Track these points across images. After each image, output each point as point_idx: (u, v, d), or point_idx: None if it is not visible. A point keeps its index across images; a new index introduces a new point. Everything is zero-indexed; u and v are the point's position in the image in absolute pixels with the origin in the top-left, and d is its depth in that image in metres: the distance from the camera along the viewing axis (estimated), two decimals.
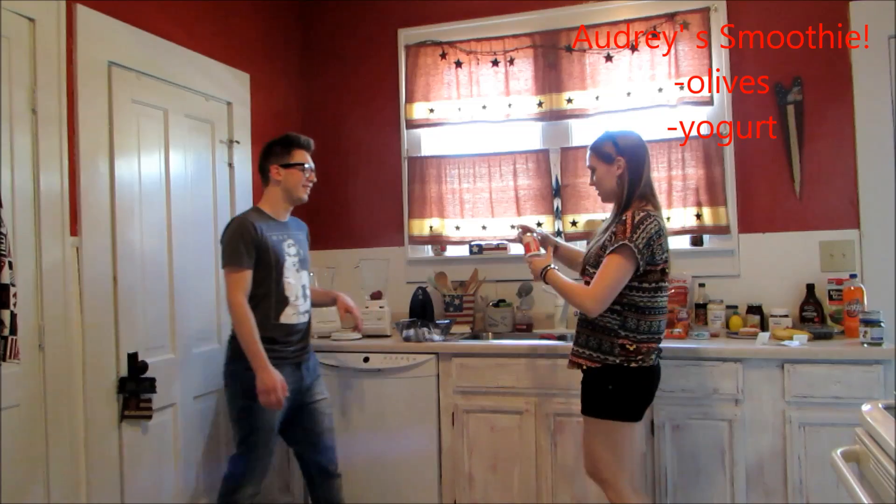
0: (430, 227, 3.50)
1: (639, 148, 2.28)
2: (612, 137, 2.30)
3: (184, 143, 2.86)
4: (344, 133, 3.73)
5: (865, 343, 2.45)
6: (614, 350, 2.16)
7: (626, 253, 2.10)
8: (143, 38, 2.64)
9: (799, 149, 2.98)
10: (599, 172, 2.30)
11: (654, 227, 2.13)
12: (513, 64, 3.38)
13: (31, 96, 2.18)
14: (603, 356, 2.18)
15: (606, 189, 2.31)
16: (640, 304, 2.16)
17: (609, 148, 2.28)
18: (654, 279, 2.16)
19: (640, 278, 2.15)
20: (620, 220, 2.16)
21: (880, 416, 1.45)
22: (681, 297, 3.00)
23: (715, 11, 3.09)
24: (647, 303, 2.17)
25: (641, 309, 2.16)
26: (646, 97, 3.17)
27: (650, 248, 2.11)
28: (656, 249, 2.13)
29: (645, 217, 2.13)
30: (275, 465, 3.11)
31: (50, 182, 2.23)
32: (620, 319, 2.17)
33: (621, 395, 2.17)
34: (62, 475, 2.23)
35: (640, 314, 2.17)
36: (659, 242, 2.14)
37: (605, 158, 2.28)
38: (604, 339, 2.19)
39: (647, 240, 2.11)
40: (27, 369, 2.13)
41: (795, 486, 2.46)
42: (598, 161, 2.30)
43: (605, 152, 2.28)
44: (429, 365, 2.88)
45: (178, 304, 2.78)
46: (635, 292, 2.16)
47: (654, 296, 2.17)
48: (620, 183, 2.25)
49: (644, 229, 2.11)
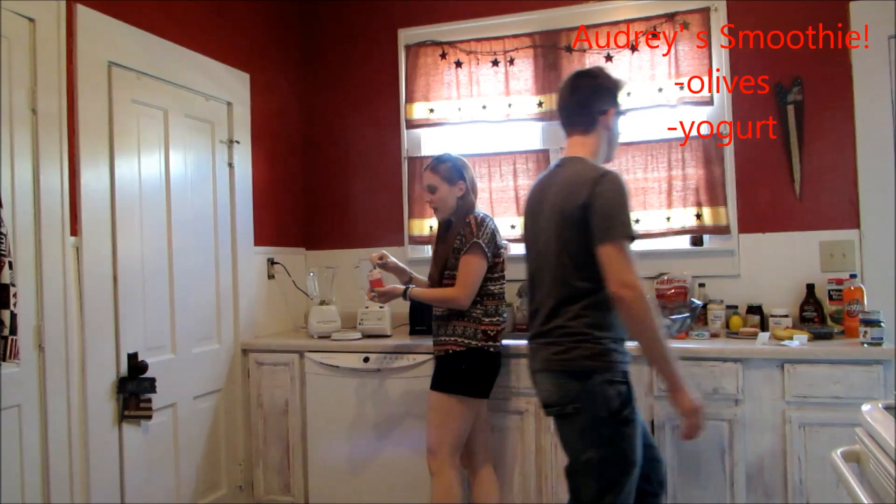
0: (430, 227, 3.50)
1: (471, 172, 2.63)
2: (454, 161, 2.58)
3: (184, 143, 2.86)
4: (344, 133, 3.73)
5: (865, 343, 2.45)
6: (477, 335, 2.47)
7: (478, 250, 2.45)
8: (143, 38, 2.64)
9: (799, 149, 2.98)
10: (442, 192, 2.56)
11: (492, 224, 2.52)
12: (513, 64, 3.38)
13: (31, 96, 2.18)
14: (467, 340, 2.47)
15: (448, 206, 2.57)
16: (493, 291, 2.52)
17: (451, 170, 2.56)
18: (499, 269, 2.54)
19: (490, 269, 2.49)
20: (465, 224, 2.49)
21: (880, 416, 1.45)
22: (681, 297, 3.00)
23: (715, 11, 3.09)
24: (498, 290, 2.54)
25: (495, 295, 2.53)
26: (646, 97, 3.17)
27: (494, 242, 2.50)
28: (499, 243, 2.53)
29: (483, 218, 2.52)
30: (275, 464, 3.12)
31: (50, 182, 2.23)
32: (482, 308, 2.50)
33: (475, 373, 2.48)
34: (62, 475, 2.23)
35: (496, 300, 2.53)
36: (498, 237, 2.54)
37: (449, 180, 2.56)
38: (468, 325, 2.48)
39: (490, 235, 2.49)
40: (27, 369, 2.13)
41: (795, 486, 2.46)
42: (442, 182, 2.56)
43: (448, 174, 2.56)
44: (429, 365, 2.87)
45: (178, 304, 2.78)
46: (489, 282, 2.51)
47: (501, 283, 2.55)
48: (460, 203, 2.56)
49: (486, 227, 2.49)
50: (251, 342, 3.18)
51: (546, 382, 1.99)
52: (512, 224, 3.38)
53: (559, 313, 1.96)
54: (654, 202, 3.16)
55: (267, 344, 3.16)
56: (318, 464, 3.04)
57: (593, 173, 1.92)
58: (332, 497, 3.01)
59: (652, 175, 3.16)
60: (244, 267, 3.21)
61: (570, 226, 1.92)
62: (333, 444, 3.01)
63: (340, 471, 3.00)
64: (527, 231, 2.16)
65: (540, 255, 2.05)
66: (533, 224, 2.11)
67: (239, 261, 3.18)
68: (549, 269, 2.00)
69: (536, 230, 2.08)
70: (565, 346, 1.93)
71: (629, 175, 3.19)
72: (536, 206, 2.10)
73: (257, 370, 3.14)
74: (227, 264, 3.12)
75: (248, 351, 3.17)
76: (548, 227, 2.00)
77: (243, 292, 3.20)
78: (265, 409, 3.13)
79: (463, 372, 2.47)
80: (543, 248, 2.02)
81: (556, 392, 1.95)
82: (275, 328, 3.45)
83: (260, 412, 3.14)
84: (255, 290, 3.29)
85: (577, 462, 1.91)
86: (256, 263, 3.32)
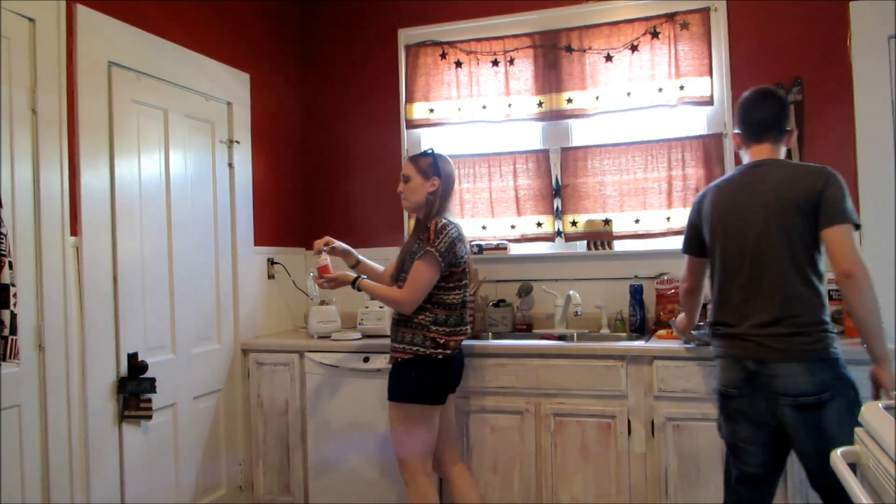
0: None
1: (451, 175, 2.56)
2: (434, 157, 2.52)
3: (184, 143, 2.86)
4: (344, 133, 3.73)
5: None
6: (426, 343, 2.40)
7: (429, 258, 2.37)
8: (143, 38, 2.64)
9: (799, 149, 2.98)
10: (414, 183, 2.51)
11: (454, 233, 2.41)
12: (513, 64, 3.38)
13: (31, 96, 2.18)
14: (414, 348, 2.41)
15: (416, 200, 2.52)
16: (446, 301, 2.44)
17: (429, 165, 2.51)
18: (455, 279, 2.45)
19: (445, 279, 2.42)
20: (425, 229, 2.43)
21: (880, 416, 1.45)
22: None
23: (715, 11, 3.09)
24: (452, 300, 2.45)
25: (448, 305, 2.44)
26: (646, 97, 3.17)
27: (452, 251, 2.39)
28: (458, 252, 2.42)
29: (445, 224, 2.41)
30: (275, 464, 3.12)
31: (50, 182, 2.23)
32: (432, 316, 2.42)
33: (424, 380, 2.41)
34: (62, 475, 2.23)
35: (448, 310, 2.44)
36: (459, 245, 2.43)
37: (424, 173, 2.51)
38: (416, 333, 2.42)
39: (449, 244, 2.38)
40: (27, 369, 2.13)
41: (795, 486, 2.46)
42: (416, 173, 2.51)
43: (426, 168, 2.51)
44: None
45: (178, 304, 2.78)
46: (442, 291, 2.43)
47: (457, 293, 2.46)
48: (430, 199, 2.49)
49: (445, 235, 2.39)
50: (251, 342, 3.18)
51: (795, 372, 1.99)
52: (512, 224, 3.38)
53: (797, 303, 2.02)
54: (654, 202, 3.16)
55: (267, 344, 3.16)
56: (318, 464, 3.04)
57: (818, 166, 2.07)
58: (332, 497, 3.01)
59: (652, 175, 3.16)
60: (244, 267, 3.21)
61: (802, 213, 2.01)
62: (333, 444, 3.01)
63: (340, 471, 3.00)
64: (719, 228, 2.17)
65: (752, 247, 2.08)
66: (734, 220, 2.13)
67: (239, 261, 3.18)
68: (773, 260, 2.04)
69: (741, 225, 2.11)
70: (814, 335, 2.00)
71: (629, 175, 3.20)
72: (735, 204, 2.14)
73: (257, 370, 3.14)
74: (227, 264, 3.12)
75: (248, 351, 3.17)
76: (766, 219, 2.05)
77: (243, 292, 3.20)
78: (265, 409, 3.13)
79: (413, 380, 2.41)
80: (759, 240, 2.06)
81: (809, 381, 1.97)
82: (275, 328, 3.45)
83: (260, 412, 3.14)
84: (255, 290, 3.29)
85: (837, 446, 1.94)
86: (256, 263, 3.32)
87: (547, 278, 3.31)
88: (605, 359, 2.67)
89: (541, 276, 3.32)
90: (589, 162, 3.26)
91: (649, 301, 3.11)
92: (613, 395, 2.66)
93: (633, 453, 2.63)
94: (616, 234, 3.22)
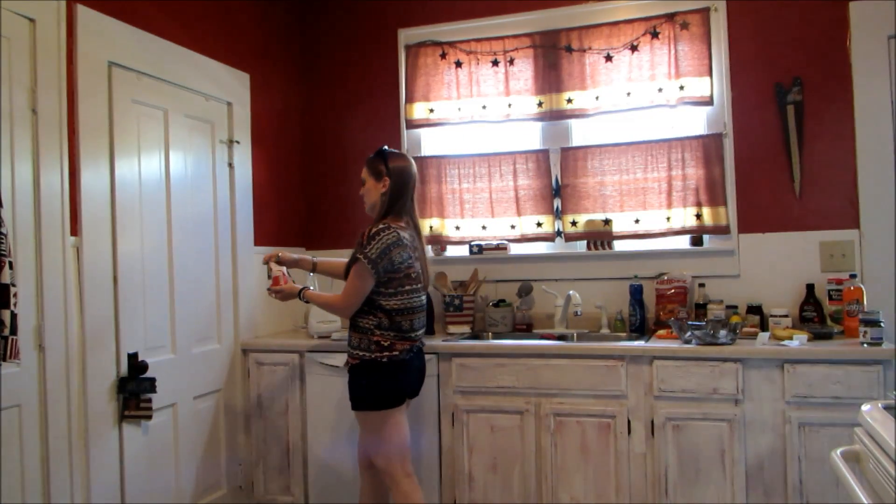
0: (430, 227, 3.50)
1: (404, 172, 2.49)
2: (385, 157, 2.50)
3: (184, 143, 2.86)
4: (344, 133, 3.73)
5: (865, 343, 2.45)
6: (370, 347, 2.39)
7: (359, 266, 2.36)
8: (143, 38, 2.64)
9: (799, 149, 2.98)
10: (368, 185, 2.52)
11: (389, 239, 2.35)
12: (513, 64, 3.38)
13: (31, 96, 2.18)
14: (362, 353, 2.41)
15: (371, 202, 2.53)
16: (386, 306, 2.40)
17: (380, 166, 2.48)
18: (396, 284, 2.40)
19: (384, 284, 2.39)
20: (362, 233, 2.40)
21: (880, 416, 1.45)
22: (681, 297, 3.00)
23: (715, 11, 3.09)
24: (393, 305, 2.40)
25: (388, 311, 2.40)
26: (646, 97, 3.17)
27: (387, 257, 2.34)
28: (395, 258, 2.36)
29: (381, 230, 2.36)
30: (275, 464, 3.12)
31: (50, 182, 2.23)
32: (375, 320, 2.41)
33: (376, 386, 2.40)
34: (62, 475, 2.23)
35: (389, 315, 2.40)
36: (397, 251, 2.37)
37: (376, 175, 2.50)
38: (363, 338, 2.42)
39: (382, 251, 2.34)
40: (27, 369, 2.13)
41: (795, 486, 2.46)
42: (369, 176, 2.52)
43: (377, 169, 2.49)
44: (429, 365, 2.88)
45: (178, 303, 2.78)
46: (381, 297, 2.40)
47: (399, 298, 2.41)
48: (383, 200, 2.47)
49: (378, 241, 2.34)
50: (251, 342, 3.18)
51: None
52: (512, 224, 3.38)
53: None
54: (654, 202, 3.16)
55: (267, 344, 3.16)
56: (318, 464, 3.04)
57: None
58: (332, 497, 3.01)
59: (652, 175, 3.16)
60: (244, 267, 3.21)
61: None
62: (333, 444, 3.01)
63: (340, 471, 3.00)
64: None
65: None
66: None
67: (239, 261, 3.18)
68: None
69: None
70: None
71: (629, 175, 3.20)
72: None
73: (257, 370, 3.14)
74: (227, 264, 3.12)
75: (247, 351, 3.17)
76: None
77: (243, 292, 3.20)
78: (265, 409, 3.13)
79: (366, 388, 2.40)
80: None
81: None
82: (275, 328, 3.45)
83: (260, 412, 3.14)
84: (255, 290, 3.29)
85: None
86: (256, 263, 3.32)
87: (547, 278, 3.31)
88: (605, 359, 2.67)
89: (541, 276, 3.33)
90: (589, 162, 3.26)
91: (649, 301, 3.12)
92: (613, 395, 2.66)
93: (633, 453, 2.64)
94: (616, 234, 3.22)
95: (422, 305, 2.52)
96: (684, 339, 2.65)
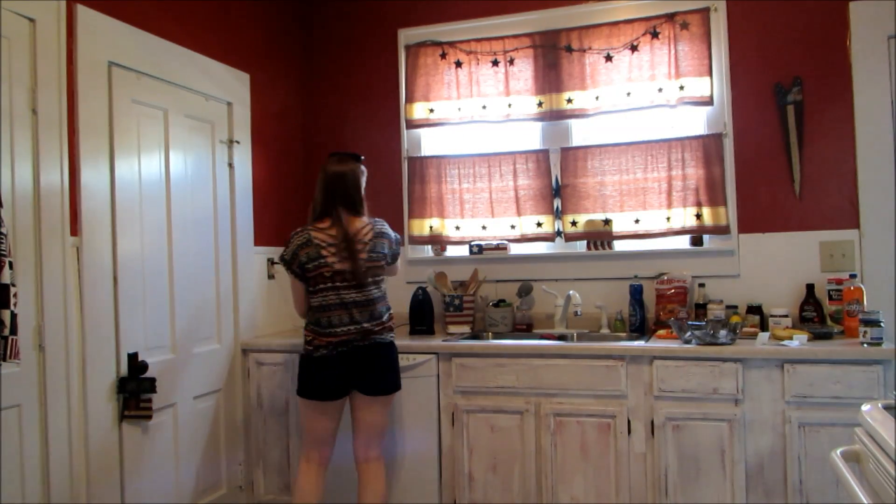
0: (430, 227, 3.50)
1: (322, 175, 2.65)
2: (329, 160, 2.68)
3: (184, 143, 2.86)
4: (344, 133, 3.73)
5: (865, 343, 2.45)
6: (304, 341, 2.61)
7: (283, 266, 2.62)
8: (143, 38, 2.64)
9: (799, 149, 2.98)
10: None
11: (299, 240, 2.56)
12: (513, 64, 3.38)
13: (31, 96, 2.18)
14: (302, 346, 2.64)
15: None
16: (311, 303, 2.61)
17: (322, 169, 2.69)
18: (313, 283, 2.57)
19: (309, 282, 2.58)
20: None
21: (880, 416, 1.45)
22: (681, 297, 3.00)
23: (715, 11, 3.09)
24: (313, 303, 2.59)
25: (312, 308, 2.61)
26: (646, 97, 3.17)
27: (296, 258, 2.56)
28: (302, 258, 2.55)
29: (295, 233, 2.60)
30: (275, 464, 3.12)
31: (50, 182, 2.23)
32: (309, 316, 2.62)
33: (299, 376, 2.61)
34: (62, 475, 2.23)
35: (312, 312, 2.60)
36: (305, 252, 2.54)
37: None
38: (304, 332, 2.63)
39: (293, 252, 2.56)
40: (27, 369, 2.13)
41: (795, 486, 2.46)
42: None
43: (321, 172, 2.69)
44: (429, 365, 2.88)
45: (178, 303, 2.78)
46: (310, 295, 2.60)
47: (316, 297, 2.58)
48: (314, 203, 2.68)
49: (290, 243, 2.59)
50: (251, 342, 3.18)
51: None
52: (512, 224, 3.38)
53: None
54: (654, 202, 3.16)
55: (267, 344, 3.16)
56: None
57: None
58: (333, 497, 3.01)
59: (652, 175, 3.16)
60: (244, 267, 3.21)
61: None
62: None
63: (340, 471, 2.99)
64: None
65: None
66: None
67: (239, 261, 3.18)
68: None
69: None
70: None
71: (629, 175, 3.20)
72: None
73: (257, 370, 3.14)
74: (227, 264, 3.12)
75: (248, 351, 3.17)
76: None
77: (243, 292, 3.20)
78: (265, 409, 3.13)
79: (296, 376, 2.64)
80: None
81: None
82: (275, 328, 3.45)
83: (260, 412, 3.14)
84: (254, 290, 3.29)
85: None
86: (256, 263, 3.32)
87: (547, 278, 3.31)
88: (605, 359, 2.67)
89: (541, 276, 3.33)
90: (589, 162, 3.26)
91: (649, 301, 3.12)
92: (613, 395, 2.66)
93: (633, 453, 2.64)
94: (616, 234, 3.22)
95: (340, 303, 2.56)
96: (684, 339, 2.65)
